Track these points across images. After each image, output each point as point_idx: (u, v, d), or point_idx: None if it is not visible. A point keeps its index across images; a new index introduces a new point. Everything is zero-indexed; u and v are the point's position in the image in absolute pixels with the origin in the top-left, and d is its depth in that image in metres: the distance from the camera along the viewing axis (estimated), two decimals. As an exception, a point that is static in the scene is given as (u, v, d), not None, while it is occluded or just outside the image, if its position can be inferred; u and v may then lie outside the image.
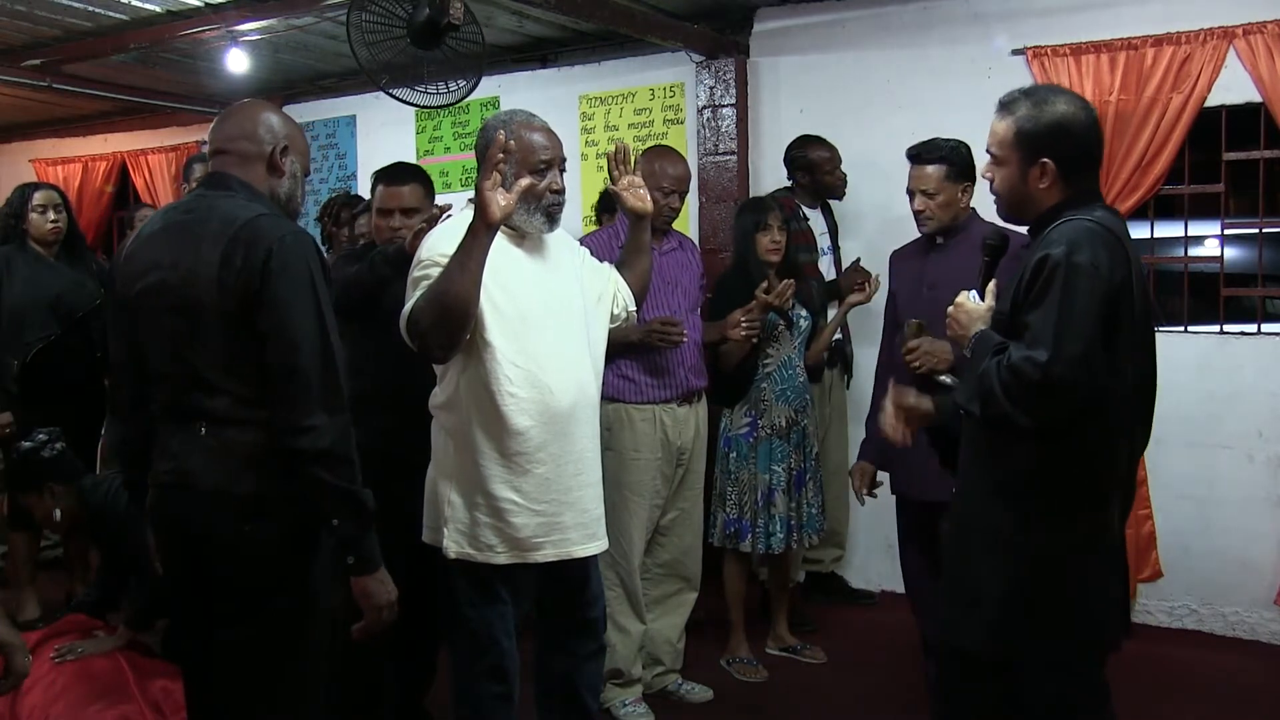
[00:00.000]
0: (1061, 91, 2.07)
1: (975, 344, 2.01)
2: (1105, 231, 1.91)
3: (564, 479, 2.43)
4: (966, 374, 2.02)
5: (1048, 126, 1.99)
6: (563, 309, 2.48)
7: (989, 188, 2.13)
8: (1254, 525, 3.90)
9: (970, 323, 2.05)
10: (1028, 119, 2.00)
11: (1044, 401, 1.86)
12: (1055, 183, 2.01)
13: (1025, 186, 2.03)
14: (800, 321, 3.66)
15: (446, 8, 3.48)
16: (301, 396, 1.98)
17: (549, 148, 2.45)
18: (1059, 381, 1.83)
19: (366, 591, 2.10)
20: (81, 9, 4.39)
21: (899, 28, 4.41)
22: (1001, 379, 1.88)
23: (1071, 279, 1.85)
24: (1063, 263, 1.86)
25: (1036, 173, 2.01)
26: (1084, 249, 1.87)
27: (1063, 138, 1.99)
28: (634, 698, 3.34)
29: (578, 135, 5.21)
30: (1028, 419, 1.88)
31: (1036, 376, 1.83)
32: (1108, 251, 1.88)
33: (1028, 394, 1.85)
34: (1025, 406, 1.87)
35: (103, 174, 6.94)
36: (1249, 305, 4.26)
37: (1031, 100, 2.02)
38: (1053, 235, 1.94)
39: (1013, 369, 1.87)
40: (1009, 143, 2.03)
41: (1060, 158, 1.99)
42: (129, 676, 2.97)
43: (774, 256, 3.54)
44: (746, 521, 3.57)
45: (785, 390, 3.60)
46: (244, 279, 1.99)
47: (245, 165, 2.15)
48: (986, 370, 1.91)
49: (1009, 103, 2.05)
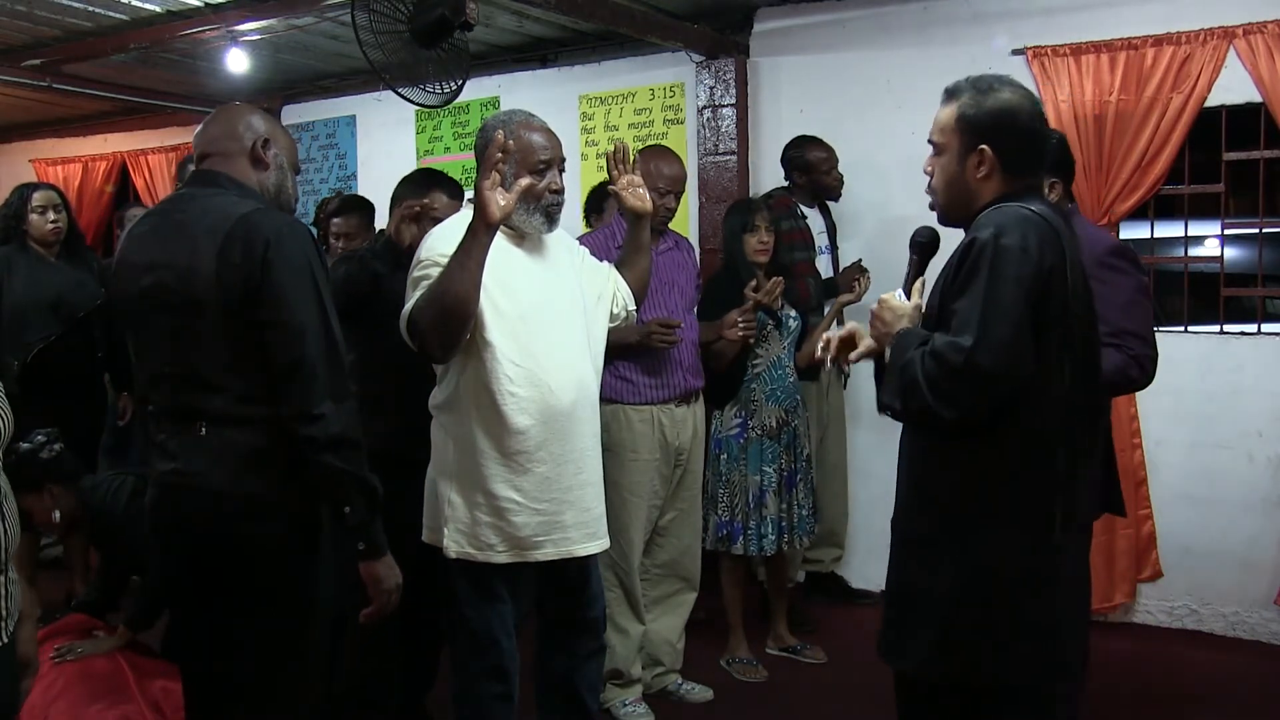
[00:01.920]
0: (1008, 81, 1.96)
1: (898, 340, 1.90)
2: (1039, 219, 1.81)
3: (564, 478, 2.43)
4: (888, 371, 1.91)
5: (990, 113, 1.91)
6: (562, 308, 2.48)
7: (925, 187, 2.03)
8: (1254, 525, 3.90)
9: (895, 320, 1.95)
10: (970, 104, 1.92)
11: (967, 390, 1.75)
12: (993, 174, 1.91)
13: (963, 176, 1.93)
14: (789, 321, 3.66)
15: (464, 8, 3.47)
16: (308, 386, 1.99)
17: (548, 148, 2.46)
18: (984, 368, 1.73)
19: (376, 576, 2.12)
20: (81, 9, 4.39)
21: (899, 28, 4.41)
22: (925, 368, 1.78)
23: (999, 262, 1.75)
24: (990, 244, 1.77)
25: (975, 160, 1.91)
26: (1012, 232, 1.77)
27: (1004, 127, 1.90)
28: (634, 698, 3.34)
29: (578, 135, 5.21)
30: (951, 410, 1.77)
31: (959, 361, 1.73)
32: (1038, 236, 1.78)
33: (950, 381, 1.75)
34: (948, 397, 1.76)
35: (103, 174, 6.95)
36: (1249, 305, 4.25)
37: (976, 87, 1.93)
38: (982, 220, 1.85)
39: (935, 355, 1.77)
40: (950, 128, 1.94)
41: (1000, 147, 1.90)
42: (129, 676, 2.97)
43: (761, 257, 3.55)
44: (739, 524, 3.57)
45: (775, 390, 3.60)
46: (244, 273, 1.99)
47: (230, 162, 2.17)
48: (910, 361, 1.82)
49: (953, 90, 1.96)
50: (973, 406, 1.78)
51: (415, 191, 3.00)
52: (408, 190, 3.03)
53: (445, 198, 3.01)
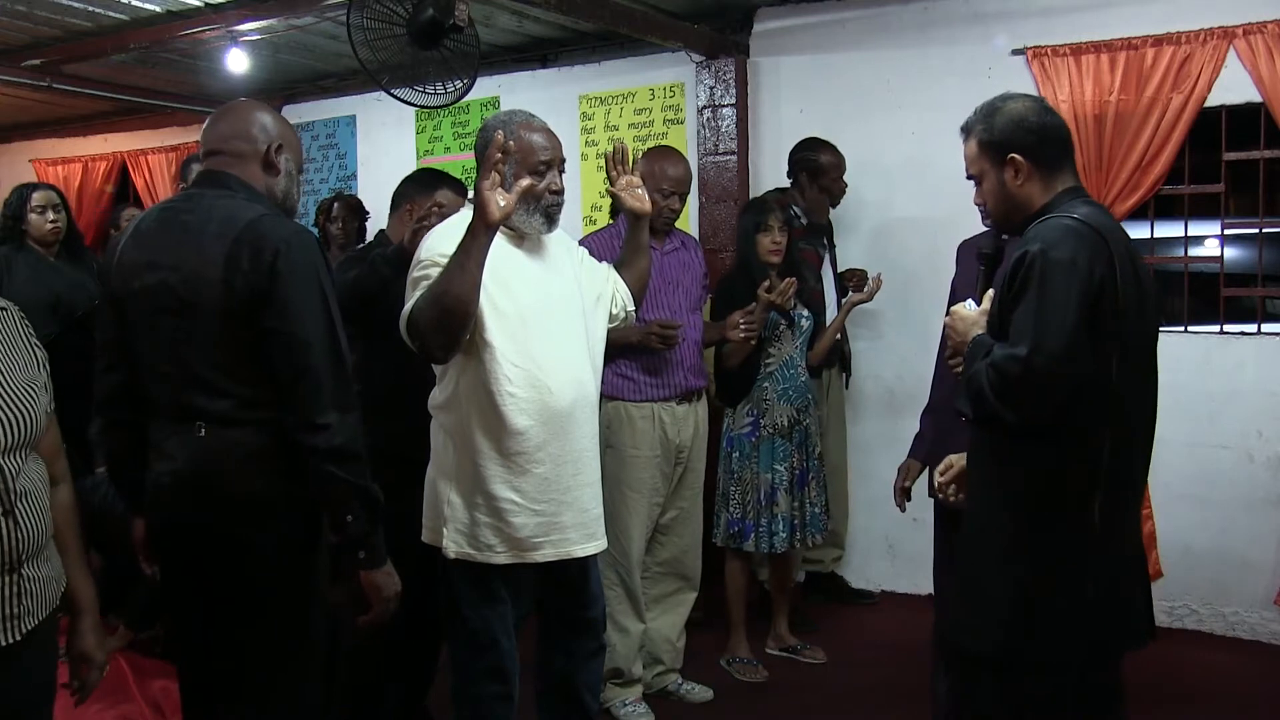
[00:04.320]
0: (1008, 95, 2.13)
1: (970, 349, 2.04)
2: (1085, 227, 1.93)
3: (563, 479, 2.43)
4: (960, 380, 2.05)
5: (1003, 127, 2.06)
6: (562, 309, 2.48)
7: (981, 218, 2.19)
8: (1254, 525, 3.90)
9: (967, 329, 2.08)
10: (984, 130, 2.09)
11: (1027, 396, 1.88)
12: (1031, 177, 2.05)
13: (1007, 190, 2.08)
14: (802, 321, 3.67)
15: (452, 9, 3.47)
16: (313, 395, 1.99)
17: (549, 148, 2.46)
18: (1041, 375, 1.85)
19: (375, 585, 2.12)
20: (81, 9, 4.39)
21: (899, 28, 4.41)
22: (989, 378, 1.91)
23: (1048, 274, 1.87)
24: (1039, 259, 1.88)
25: (1010, 172, 2.06)
26: (1060, 245, 1.88)
27: (1020, 130, 2.05)
28: (634, 697, 3.34)
29: (578, 135, 5.21)
30: (1014, 415, 1.90)
31: (1018, 371, 1.86)
32: (1087, 247, 1.89)
33: (1011, 390, 1.88)
34: (1010, 403, 1.89)
35: (103, 174, 6.94)
36: (1249, 305, 4.25)
37: (984, 114, 2.11)
38: (1030, 234, 1.97)
39: (996, 367, 1.90)
40: (977, 157, 2.11)
41: (1024, 148, 2.04)
42: (129, 677, 2.98)
43: (775, 257, 3.56)
44: (750, 521, 3.58)
45: (787, 389, 3.61)
46: (251, 280, 1.99)
47: (242, 164, 2.15)
48: (976, 371, 1.95)
49: (967, 126, 2.14)
50: (1033, 411, 1.91)
51: (421, 190, 2.99)
52: (414, 189, 3.02)
53: (452, 194, 3.00)
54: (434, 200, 2.93)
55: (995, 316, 2.02)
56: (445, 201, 2.95)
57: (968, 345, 2.06)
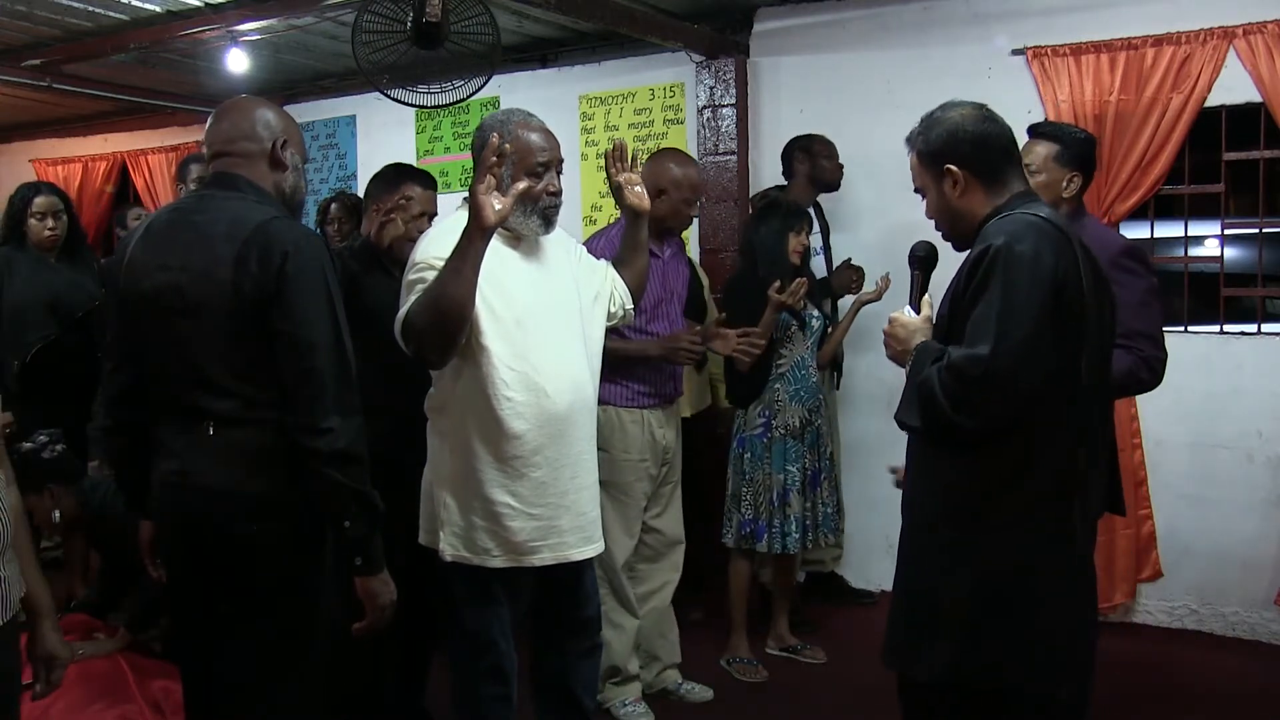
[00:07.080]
0: (952, 104, 2.04)
1: (917, 355, 1.92)
2: (1048, 225, 1.84)
3: (560, 482, 2.42)
4: (905, 388, 1.92)
5: (938, 138, 1.99)
6: (559, 311, 2.47)
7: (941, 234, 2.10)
8: (1254, 525, 3.90)
9: (909, 336, 1.97)
10: (921, 141, 2.02)
11: (988, 398, 1.77)
12: (971, 188, 1.97)
13: (948, 202, 2.00)
14: (812, 321, 3.68)
15: (424, 6, 3.48)
16: (317, 399, 1.99)
17: (547, 149, 2.44)
18: (1004, 375, 1.74)
19: (371, 592, 2.11)
20: (81, 9, 4.39)
21: (899, 28, 4.41)
22: (942, 382, 1.79)
23: (1012, 269, 1.77)
24: (1003, 251, 1.79)
25: (949, 183, 1.98)
26: (1024, 239, 1.80)
27: (954, 140, 1.97)
28: (634, 697, 3.34)
29: (578, 135, 5.21)
30: (972, 420, 1.78)
31: (978, 372, 1.75)
32: (1051, 242, 1.81)
33: (971, 392, 1.76)
34: (969, 408, 1.78)
35: (103, 174, 6.94)
36: (1249, 305, 4.25)
37: (922, 125, 2.03)
38: (990, 229, 1.88)
39: (953, 369, 1.78)
40: (918, 168, 2.04)
41: (961, 159, 1.96)
42: (129, 677, 2.98)
43: (798, 259, 3.60)
44: (763, 523, 3.59)
45: (799, 390, 3.62)
46: (259, 282, 1.99)
47: (249, 164, 2.15)
48: (926, 377, 1.83)
49: (909, 138, 2.06)
50: (995, 414, 1.79)
51: (385, 188, 3.00)
52: (379, 187, 3.03)
53: (419, 189, 3.00)
54: (401, 194, 2.94)
55: (945, 318, 1.91)
56: (413, 194, 2.95)
57: (911, 353, 1.95)
